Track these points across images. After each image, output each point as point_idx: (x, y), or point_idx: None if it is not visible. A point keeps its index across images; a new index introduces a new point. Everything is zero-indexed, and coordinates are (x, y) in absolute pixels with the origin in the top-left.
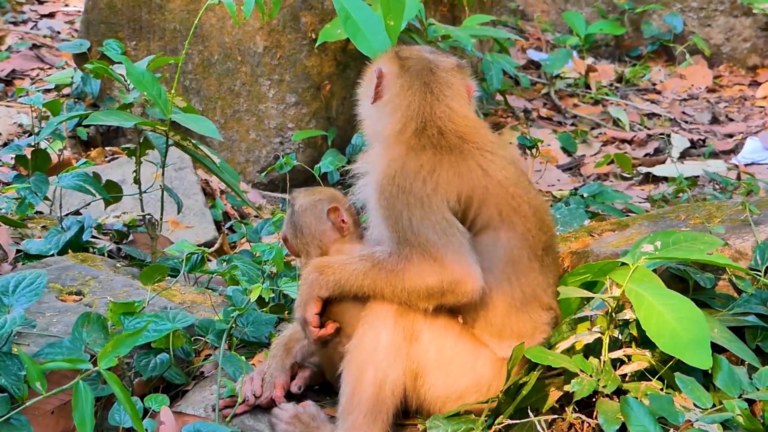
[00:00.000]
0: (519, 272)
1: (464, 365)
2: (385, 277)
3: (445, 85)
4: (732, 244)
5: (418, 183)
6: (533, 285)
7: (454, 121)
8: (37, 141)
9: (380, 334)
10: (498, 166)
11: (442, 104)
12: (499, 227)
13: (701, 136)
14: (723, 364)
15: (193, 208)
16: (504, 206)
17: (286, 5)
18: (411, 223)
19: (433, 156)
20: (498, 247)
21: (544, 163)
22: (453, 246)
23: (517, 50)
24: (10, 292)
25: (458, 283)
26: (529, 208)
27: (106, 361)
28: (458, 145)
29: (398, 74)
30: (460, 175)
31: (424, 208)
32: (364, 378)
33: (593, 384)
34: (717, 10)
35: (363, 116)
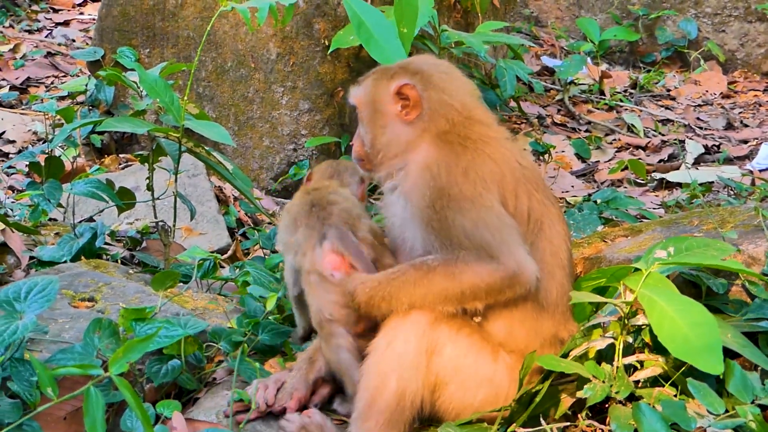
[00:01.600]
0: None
1: (483, 378)
2: (441, 282)
3: (456, 85)
4: (745, 249)
5: (467, 186)
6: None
7: (476, 117)
8: (51, 148)
9: (409, 344)
10: (524, 158)
11: (462, 104)
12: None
13: (716, 142)
14: (735, 370)
15: (206, 214)
16: (536, 201)
17: (300, 12)
18: (465, 228)
19: (473, 154)
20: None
21: (557, 169)
22: (507, 241)
23: (531, 57)
24: (22, 298)
25: (517, 277)
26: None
27: (117, 367)
28: (487, 137)
29: (425, 87)
30: (499, 166)
31: (477, 208)
32: (385, 387)
33: (606, 390)
34: (731, 16)
35: (389, 137)
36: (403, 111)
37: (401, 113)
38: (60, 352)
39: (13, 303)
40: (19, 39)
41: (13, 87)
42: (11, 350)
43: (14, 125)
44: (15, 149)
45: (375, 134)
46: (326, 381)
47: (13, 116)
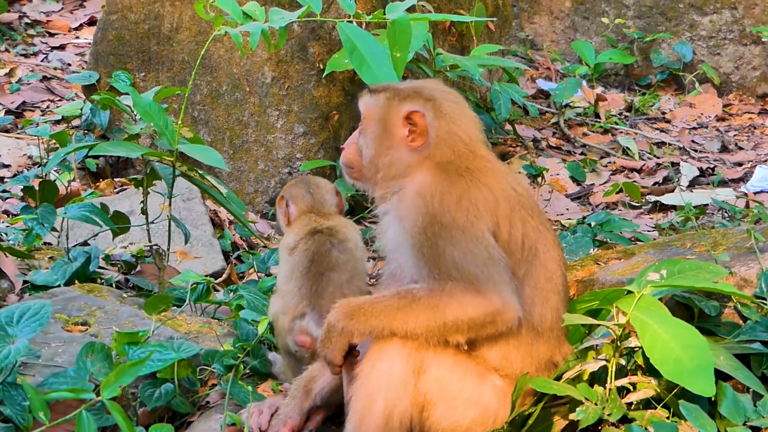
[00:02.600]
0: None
1: (471, 398)
2: (424, 312)
3: (465, 116)
4: (737, 271)
5: (460, 214)
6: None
7: (479, 150)
8: (45, 172)
9: (394, 364)
10: (520, 185)
11: (469, 136)
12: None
13: (710, 165)
14: (727, 392)
15: (201, 238)
16: (530, 228)
17: (294, 36)
18: (454, 258)
19: (468, 183)
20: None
21: (551, 192)
22: (494, 277)
23: (526, 80)
24: (15, 322)
25: (500, 314)
26: (550, 235)
27: (109, 391)
28: (483, 167)
29: (435, 116)
30: (494, 194)
31: (467, 239)
32: (373, 407)
33: (598, 412)
34: (726, 39)
35: (391, 158)
36: (409, 137)
37: (407, 138)
38: (53, 376)
39: (5, 327)
40: (15, 63)
41: (9, 111)
42: (3, 374)
43: (9, 149)
44: (10, 173)
45: (377, 152)
46: (320, 408)
47: (8, 140)
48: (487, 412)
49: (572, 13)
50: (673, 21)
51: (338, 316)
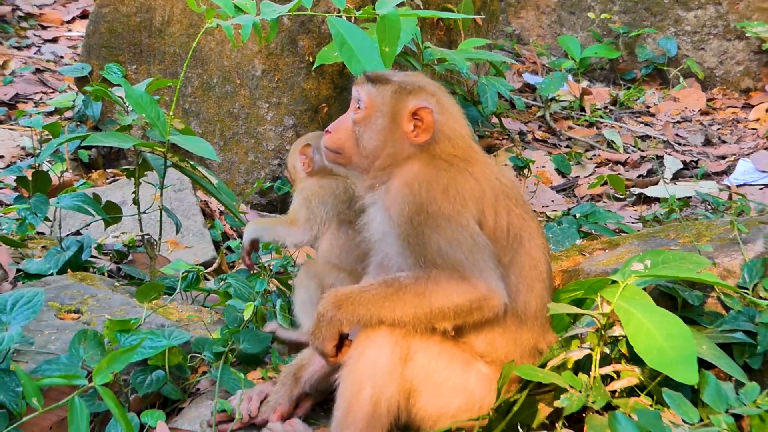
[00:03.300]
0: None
1: (456, 385)
2: (411, 300)
3: (450, 105)
4: (720, 262)
5: (446, 203)
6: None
7: (462, 138)
8: (38, 162)
9: (381, 351)
10: (504, 176)
11: (454, 124)
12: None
13: (694, 158)
14: (710, 380)
15: (192, 228)
16: (515, 217)
17: (284, 29)
18: (439, 246)
19: (455, 172)
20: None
21: (537, 184)
22: (479, 264)
23: (512, 73)
24: (8, 309)
25: (486, 300)
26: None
27: (101, 377)
28: (471, 158)
29: (440, 112)
30: (480, 183)
31: (453, 227)
32: (361, 394)
33: (582, 400)
34: (710, 34)
35: (392, 150)
36: (414, 132)
37: (411, 133)
38: (46, 363)
39: None
40: (8, 56)
41: (2, 103)
42: None
43: (2, 140)
44: (3, 164)
45: (380, 144)
46: (309, 395)
47: (2, 131)
48: (473, 398)
49: (558, 8)
50: (658, 16)
51: (327, 306)
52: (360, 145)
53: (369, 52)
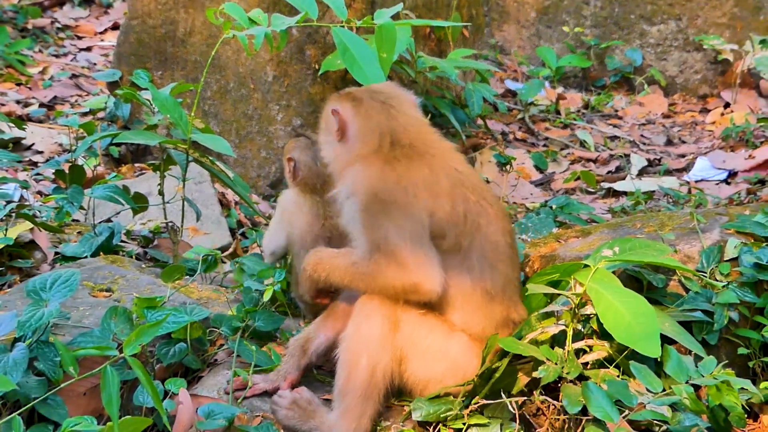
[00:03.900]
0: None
1: (440, 352)
2: (360, 276)
3: (396, 100)
4: (681, 249)
5: (399, 192)
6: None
7: (416, 131)
8: (74, 157)
9: (373, 324)
10: (462, 165)
11: (402, 118)
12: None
13: (657, 156)
14: (672, 354)
15: (210, 217)
16: (472, 204)
17: (293, 39)
18: (387, 233)
19: (408, 165)
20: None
21: (518, 178)
22: (417, 252)
23: (496, 80)
24: (47, 288)
25: (419, 286)
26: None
27: (130, 349)
28: (427, 151)
29: (354, 108)
30: (435, 173)
31: (404, 215)
32: (358, 364)
33: (558, 371)
34: (672, 46)
35: (331, 157)
36: (337, 132)
37: (336, 133)
38: (81, 336)
39: (39, 292)
40: (48, 62)
41: (42, 104)
42: (38, 334)
43: (42, 138)
44: (43, 159)
45: (323, 148)
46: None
47: (42, 130)
48: (456, 364)
49: (537, 22)
50: (626, 30)
51: (309, 262)
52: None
53: (369, 59)
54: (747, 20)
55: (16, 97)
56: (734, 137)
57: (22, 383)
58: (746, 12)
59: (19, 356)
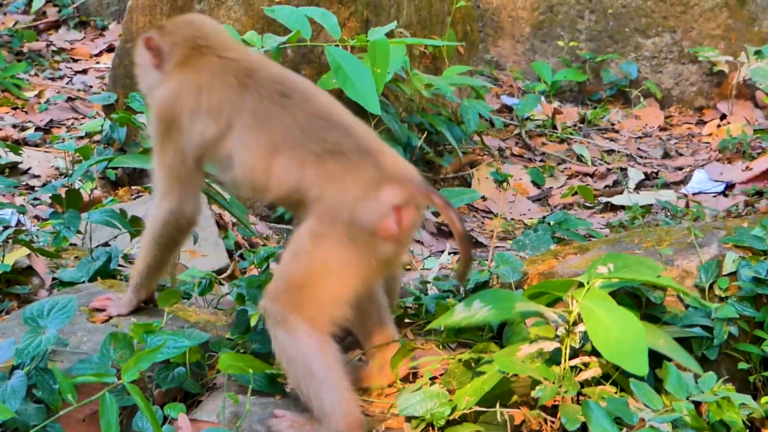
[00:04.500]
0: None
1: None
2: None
3: (199, 18)
4: (679, 264)
5: (159, 124)
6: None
7: (216, 43)
8: (71, 182)
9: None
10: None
11: (204, 35)
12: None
13: (654, 170)
14: (672, 371)
15: (208, 238)
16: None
17: (288, 60)
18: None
19: (183, 74)
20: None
21: (515, 195)
22: (173, 183)
23: (492, 96)
24: (45, 314)
25: (176, 214)
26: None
27: (129, 375)
28: (215, 53)
29: (161, 30)
30: (211, 77)
31: (159, 152)
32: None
33: (555, 390)
34: (667, 59)
35: (148, 85)
36: (153, 58)
37: (153, 60)
38: (80, 363)
39: (37, 319)
40: (43, 86)
41: (38, 128)
42: (36, 361)
43: (39, 161)
44: (40, 183)
45: (141, 82)
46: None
47: (38, 154)
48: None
49: (531, 37)
50: (620, 43)
51: None
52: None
53: (362, 76)
54: (741, 32)
55: (12, 121)
56: (731, 149)
57: (21, 411)
58: (741, 23)
59: (18, 384)
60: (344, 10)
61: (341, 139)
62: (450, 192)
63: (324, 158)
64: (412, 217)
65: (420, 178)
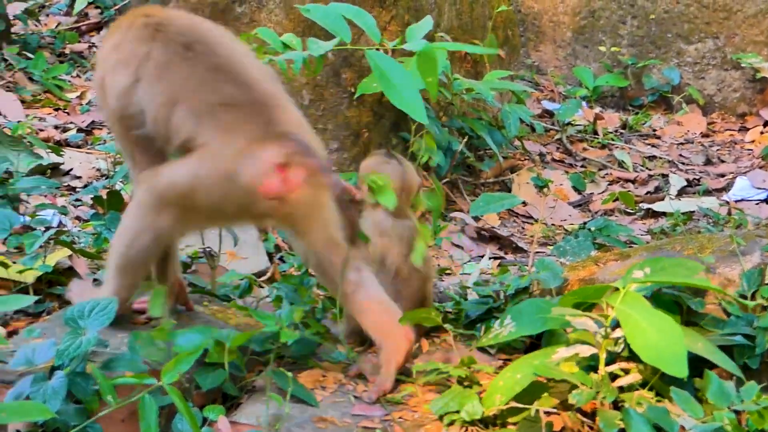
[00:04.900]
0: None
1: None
2: None
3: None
4: (721, 272)
5: (101, 67)
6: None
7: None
8: (112, 183)
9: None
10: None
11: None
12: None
13: (696, 176)
14: (713, 379)
15: (248, 241)
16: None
17: (329, 63)
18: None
19: (117, 35)
20: None
21: (556, 200)
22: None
23: (533, 101)
24: (85, 315)
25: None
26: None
27: (169, 377)
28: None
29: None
30: (136, 33)
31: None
32: None
33: (592, 395)
34: (710, 64)
35: None
36: None
37: None
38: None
39: (77, 320)
40: (85, 87)
41: (80, 129)
42: (76, 362)
43: (80, 163)
44: (81, 184)
45: None
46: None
47: (80, 155)
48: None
49: (573, 42)
50: (663, 49)
51: None
52: None
53: (404, 80)
54: None
55: (54, 123)
56: None
57: (61, 411)
58: None
59: (58, 384)
60: (385, 14)
61: (237, 92)
62: (491, 197)
63: (217, 110)
64: (300, 178)
65: (306, 138)
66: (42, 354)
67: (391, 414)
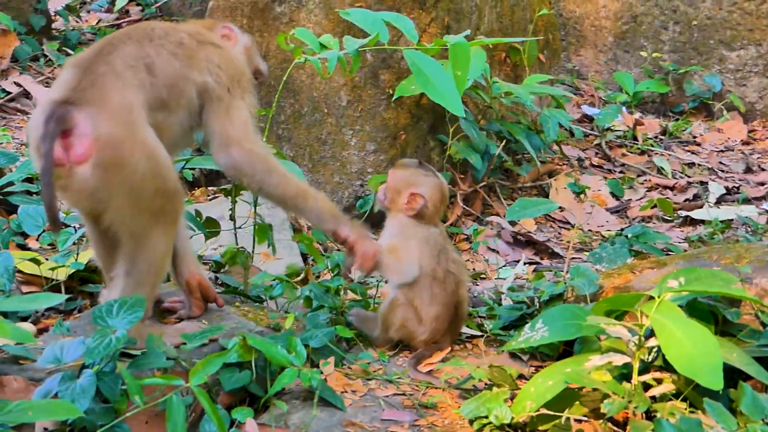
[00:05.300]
0: None
1: None
2: None
3: None
4: (758, 282)
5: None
6: None
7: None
8: None
9: None
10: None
11: None
12: None
13: (736, 184)
14: (747, 391)
15: (282, 242)
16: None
17: (367, 64)
18: None
19: None
20: None
21: (593, 206)
22: None
23: (572, 106)
24: (114, 313)
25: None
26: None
27: (196, 378)
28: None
29: None
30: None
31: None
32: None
33: (624, 404)
34: (752, 72)
35: None
36: None
37: None
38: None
39: (105, 318)
40: None
41: None
42: (105, 361)
43: None
44: None
45: None
46: None
47: None
48: None
49: (614, 47)
50: (704, 55)
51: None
52: None
53: (443, 78)
54: None
55: None
56: None
57: (89, 410)
58: None
59: (87, 383)
60: (425, 16)
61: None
62: (527, 202)
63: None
64: (83, 149)
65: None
66: (71, 352)
67: (421, 419)
